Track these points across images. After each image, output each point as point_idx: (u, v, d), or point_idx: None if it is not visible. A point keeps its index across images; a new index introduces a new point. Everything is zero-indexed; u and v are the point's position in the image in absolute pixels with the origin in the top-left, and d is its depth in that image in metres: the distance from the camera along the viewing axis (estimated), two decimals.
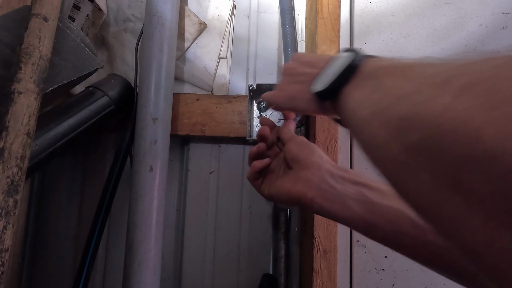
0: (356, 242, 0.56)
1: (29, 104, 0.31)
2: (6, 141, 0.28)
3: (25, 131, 0.30)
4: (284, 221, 0.59)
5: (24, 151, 0.29)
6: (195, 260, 0.60)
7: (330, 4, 0.53)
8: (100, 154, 0.62)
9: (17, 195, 0.28)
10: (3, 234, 0.25)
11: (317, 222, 0.48)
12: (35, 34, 0.34)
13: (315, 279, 0.46)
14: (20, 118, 0.30)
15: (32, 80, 0.32)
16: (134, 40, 0.59)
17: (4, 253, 0.25)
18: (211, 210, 0.61)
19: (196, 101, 0.58)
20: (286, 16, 0.58)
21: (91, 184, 0.61)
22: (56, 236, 0.60)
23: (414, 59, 0.20)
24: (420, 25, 0.61)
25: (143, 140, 0.50)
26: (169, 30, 0.53)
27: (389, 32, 0.61)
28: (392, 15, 0.62)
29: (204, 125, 0.57)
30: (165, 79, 0.51)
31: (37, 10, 0.36)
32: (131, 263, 0.47)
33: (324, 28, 0.53)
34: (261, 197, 0.61)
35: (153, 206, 0.49)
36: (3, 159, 0.27)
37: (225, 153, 0.63)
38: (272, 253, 0.60)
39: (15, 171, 0.28)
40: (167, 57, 0.52)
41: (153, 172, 0.49)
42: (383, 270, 0.55)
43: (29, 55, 0.33)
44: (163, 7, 0.52)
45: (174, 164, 0.62)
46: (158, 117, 0.50)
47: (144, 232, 0.48)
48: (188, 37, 0.62)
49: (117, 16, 0.62)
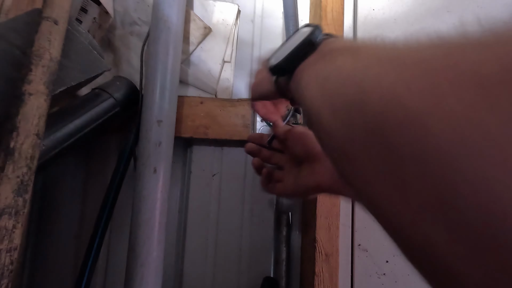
0: (358, 246, 0.56)
1: (39, 106, 0.32)
2: (17, 142, 0.29)
3: (35, 132, 0.31)
4: (285, 224, 0.59)
5: (33, 152, 0.30)
6: (197, 261, 0.60)
7: (333, 11, 0.54)
8: (103, 155, 0.62)
9: (26, 194, 0.28)
10: (13, 233, 0.26)
11: (319, 226, 0.48)
12: (46, 37, 0.35)
13: (316, 283, 0.47)
14: (30, 119, 0.31)
15: (42, 82, 0.33)
16: (140, 43, 0.60)
17: (13, 252, 0.25)
18: (213, 212, 0.61)
19: (200, 104, 0.59)
20: (290, 22, 0.59)
21: (94, 184, 0.61)
22: (58, 236, 0.60)
23: (376, 41, 0.18)
24: (422, 32, 0.62)
25: (148, 142, 0.50)
26: (175, 34, 0.53)
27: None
28: (395, 22, 0.63)
29: (208, 128, 0.58)
30: (170, 82, 0.52)
31: (48, 13, 0.37)
32: (134, 264, 0.47)
33: None
34: (263, 200, 0.61)
35: (156, 207, 0.49)
36: (13, 159, 0.28)
37: (227, 156, 0.63)
38: (274, 256, 0.60)
39: (24, 171, 0.28)
40: (173, 60, 0.53)
41: (157, 174, 0.50)
42: (384, 274, 0.55)
43: (40, 57, 0.34)
44: (169, 11, 0.53)
45: (177, 166, 0.62)
46: (163, 119, 0.51)
47: (147, 233, 0.48)
48: (193, 41, 0.63)
49: (123, 19, 0.63)
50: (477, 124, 0.10)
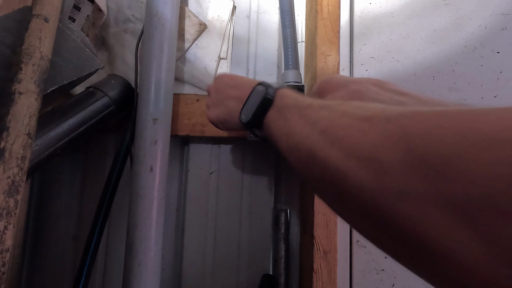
0: (356, 243, 0.56)
1: (29, 105, 0.31)
2: (7, 142, 0.28)
3: (26, 131, 0.30)
4: (284, 222, 0.59)
5: (24, 152, 0.29)
6: (195, 260, 0.60)
7: (330, 5, 0.53)
8: (100, 154, 0.62)
9: (17, 195, 0.28)
10: (4, 235, 0.26)
11: (317, 223, 0.48)
12: (36, 35, 0.34)
13: (315, 280, 0.46)
14: (21, 119, 0.30)
15: (32, 80, 0.32)
16: (134, 40, 0.59)
17: (5, 254, 0.25)
18: (211, 210, 0.61)
19: (196, 101, 0.58)
20: (286, 17, 0.58)
21: (91, 184, 0.61)
22: (56, 237, 0.60)
23: (311, 101, 0.25)
24: (420, 26, 0.61)
25: (143, 140, 0.50)
26: (169, 30, 0.53)
27: (389, 33, 0.62)
28: (392, 16, 0.62)
29: (204, 126, 0.57)
30: (165, 79, 0.52)
31: (38, 11, 0.36)
32: (131, 263, 0.47)
33: (324, 29, 0.53)
34: (261, 198, 0.61)
35: (153, 206, 0.49)
36: (4, 160, 0.27)
37: (225, 154, 0.63)
38: (272, 254, 0.60)
39: (15, 172, 0.28)
40: (167, 57, 0.52)
41: (153, 173, 0.49)
42: (383, 270, 0.55)
43: (30, 55, 0.33)
44: (163, 8, 0.52)
45: (174, 165, 0.62)
46: (158, 117, 0.50)
47: (144, 232, 0.48)
48: (188, 38, 0.62)
49: (117, 16, 0.62)
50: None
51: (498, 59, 0.59)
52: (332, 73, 0.52)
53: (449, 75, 0.60)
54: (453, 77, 0.60)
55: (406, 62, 0.61)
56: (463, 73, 0.59)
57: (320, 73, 0.52)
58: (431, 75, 0.60)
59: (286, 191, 0.62)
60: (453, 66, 0.60)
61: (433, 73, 0.60)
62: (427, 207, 0.12)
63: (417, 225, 0.13)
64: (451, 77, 0.60)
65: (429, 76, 0.60)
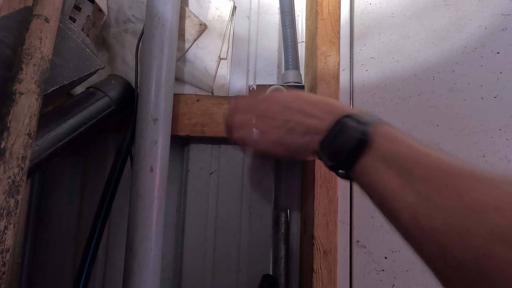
0: (356, 243, 0.56)
1: (30, 105, 0.31)
2: (8, 142, 0.28)
3: (26, 131, 0.30)
4: (284, 222, 0.59)
5: (25, 152, 0.30)
6: (195, 260, 0.60)
7: (330, 5, 0.53)
8: (100, 154, 0.62)
9: (18, 195, 0.28)
10: (4, 235, 0.26)
11: (317, 223, 0.48)
12: (37, 35, 0.34)
13: (315, 280, 0.46)
14: (21, 119, 0.30)
15: (33, 80, 0.32)
16: (134, 41, 0.60)
17: (5, 253, 0.25)
18: (211, 210, 0.61)
19: (196, 101, 0.58)
20: (286, 17, 0.58)
21: (91, 184, 0.61)
22: (56, 237, 0.60)
23: (437, 154, 0.21)
24: (420, 26, 0.61)
25: (144, 140, 0.50)
26: (170, 31, 0.53)
27: (389, 33, 0.62)
28: (392, 16, 0.62)
29: (205, 126, 0.57)
30: (165, 80, 0.52)
31: (39, 11, 0.36)
32: (131, 263, 0.47)
33: (324, 29, 0.53)
34: (261, 198, 0.61)
35: (153, 206, 0.49)
36: (4, 160, 0.27)
37: (225, 154, 0.63)
38: (272, 254, 0.60)
39: (16, 172, 0.28)
40: (168, 58, 0.52)
41: (153, 173, 0.49)
42: (383, 270, 0.55)
43: (31, 56, 0.33)
44: (163, 8, 0.52)
45: (174, 165, 0.62)
46: (159, 117, 0.50)
47: (144, 232, 0.48)
48: (188, 38, 0.62)
49: (117, 17, 0.62)
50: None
51: (498, 59, 0.59)
52: (332, 73, 0.52)
53: (449, 76, 0.60)
54: (453, 77, 0.60)
55: (406, 62, 0.61)
56: (463, 73, 0.60)
57: (321, 73, 0.53)
58: (431, 76, 0.60)
59: (286, 191, 0.62)
60: (453, 67, 0.60)
61: (433, 74, 0.60)
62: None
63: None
64: (451, 78, 0.60)
65: (429, 77, 0.60)
